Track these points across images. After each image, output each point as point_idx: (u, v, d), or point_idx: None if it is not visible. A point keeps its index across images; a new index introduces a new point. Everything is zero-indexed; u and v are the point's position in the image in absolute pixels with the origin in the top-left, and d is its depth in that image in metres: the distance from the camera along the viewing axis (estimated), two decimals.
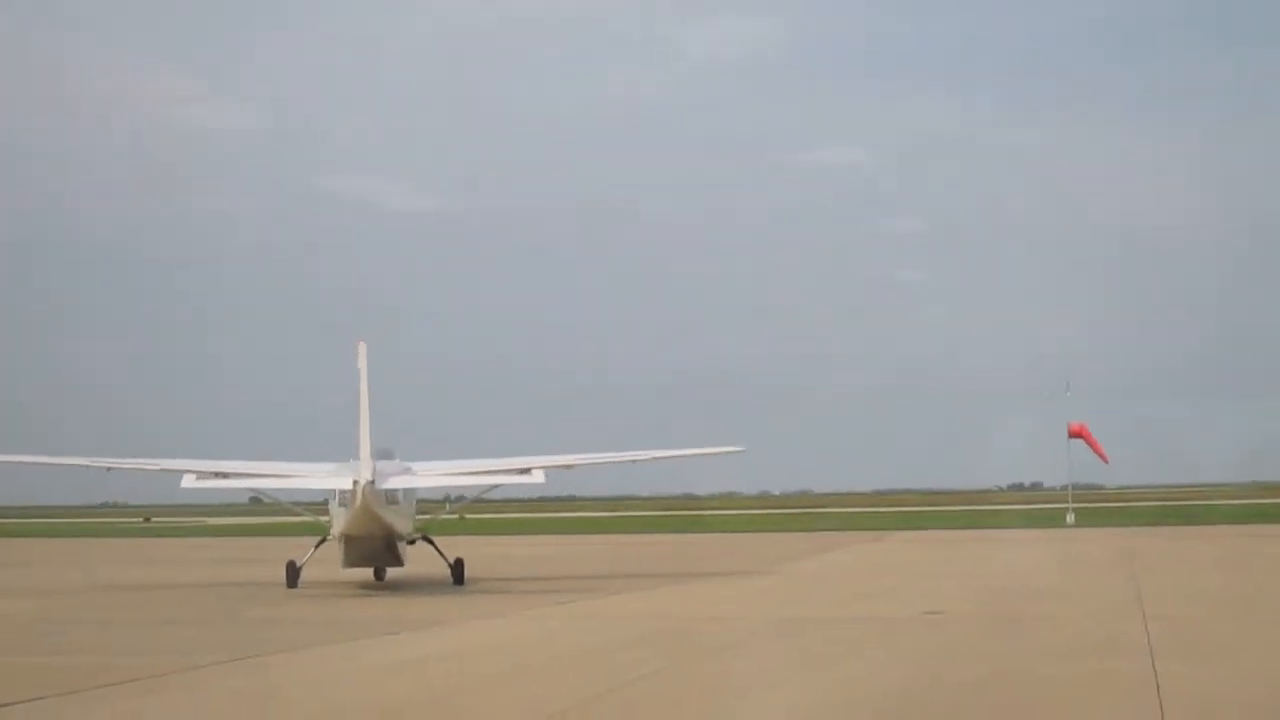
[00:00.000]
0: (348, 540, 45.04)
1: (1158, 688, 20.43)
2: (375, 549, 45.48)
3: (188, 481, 48.10)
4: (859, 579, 50.39)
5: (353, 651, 28.04)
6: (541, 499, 63.01)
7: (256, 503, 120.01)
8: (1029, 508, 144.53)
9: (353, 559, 45.66)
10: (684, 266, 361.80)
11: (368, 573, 47.28)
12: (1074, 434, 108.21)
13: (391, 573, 48.10)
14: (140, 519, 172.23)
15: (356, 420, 43.71)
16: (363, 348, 45.33)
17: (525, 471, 47.78)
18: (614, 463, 53.77)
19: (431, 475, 47.85)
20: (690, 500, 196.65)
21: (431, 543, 48.37)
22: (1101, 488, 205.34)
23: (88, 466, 49.69)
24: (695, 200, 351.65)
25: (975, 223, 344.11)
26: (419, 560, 48.04)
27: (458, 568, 47.51)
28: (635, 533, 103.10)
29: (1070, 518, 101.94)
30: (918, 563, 60.18)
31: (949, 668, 24.14)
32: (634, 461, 53.22)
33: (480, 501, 64.99)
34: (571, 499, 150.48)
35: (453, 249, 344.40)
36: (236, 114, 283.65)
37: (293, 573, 46.25)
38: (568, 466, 51.69)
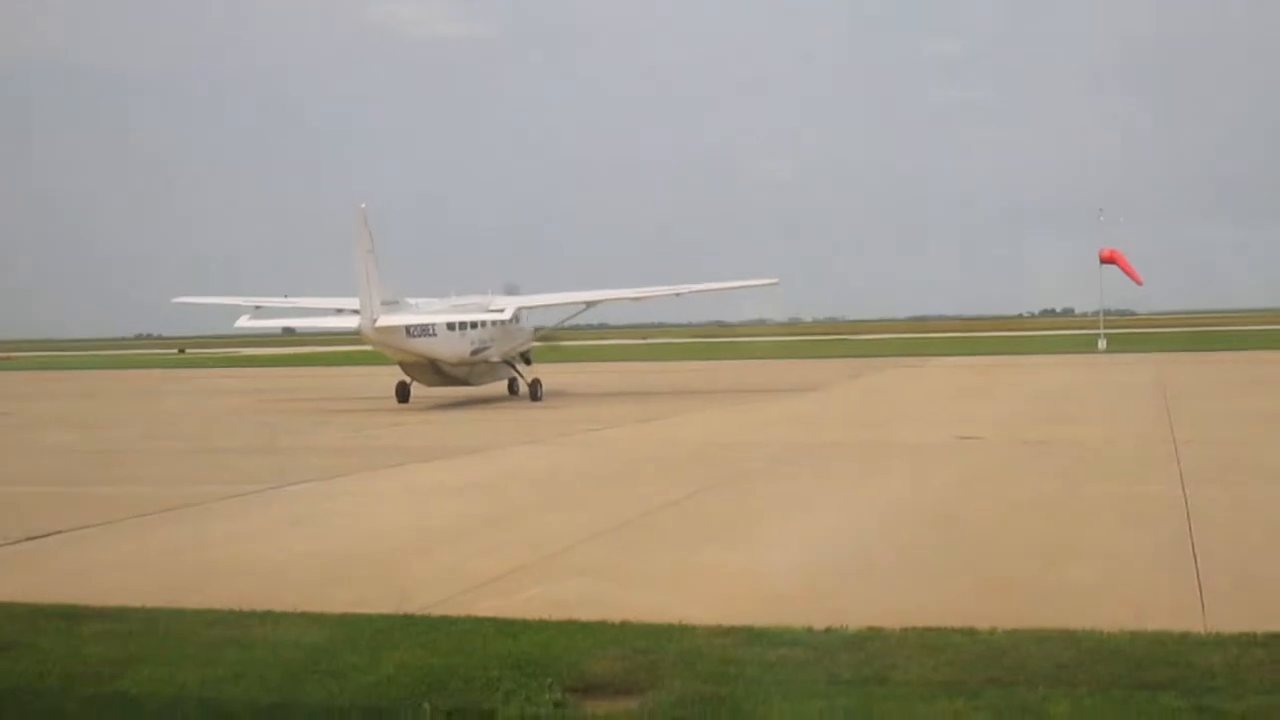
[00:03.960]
0: (399, 365, 54.37)
1: (1187, 510, 20.66)
2: (423, 372, 53.67)
3: (241, 321, 58.22)
4: (891, 405, 50.77)
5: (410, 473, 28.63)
6: (574, 328, 64.51)
7: (289, 333, 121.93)
8: (1061, 333, 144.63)
9: (414, 378, 54.41)
10: (710, 91, 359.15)
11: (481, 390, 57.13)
12: (1106, 259, 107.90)
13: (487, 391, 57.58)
14: (175, 350, 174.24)
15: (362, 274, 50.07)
16: (361, 210, 50.74)
17: (498, 310, 54.75)
18: (659, 296, 60.65)
19: (423, 314, 53.58)
20: (721, 328, 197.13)
21: (513, 367, 58.06)
22: (1133, 313, 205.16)
23: (250, 306, 59.45)
24: (727, 22, 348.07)
25: (1010, 43, 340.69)
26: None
27: (535, 387, 55.79)
28: (670, 360, 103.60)
29: (1102, 343, 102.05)
30: (948, 389, 60.46)
31: (980, 492, 24.47)
32: (677, 295, 58.06)
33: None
34: (604, 326, 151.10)
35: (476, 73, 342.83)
36: None
37: (404, 390, 54.64)
38: (635, 299, 60.86)
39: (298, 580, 16.47)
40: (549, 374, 59.96)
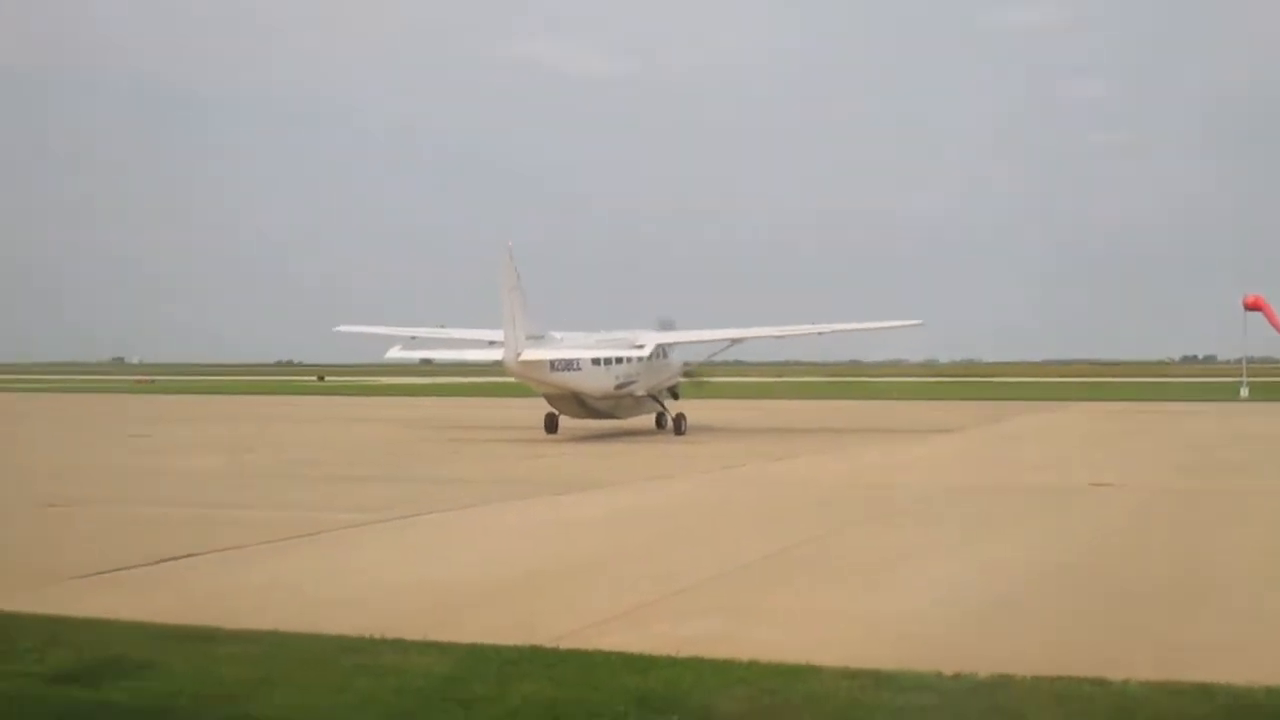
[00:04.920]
0: (545, 397, 55.68)
1: None
2: (568, 404, 55.43)
3: (392, 351, 59.76)
4: (1026, 449, 50.13)
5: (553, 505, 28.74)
6: (715, 364, 65.74)
7: (426, 363, 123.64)
8: (1202, 380, 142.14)
9: (559, 410, 55.85)
10: (850, 131, 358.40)
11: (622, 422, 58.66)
12: (1250, 306, 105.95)
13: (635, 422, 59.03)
14: (315, 377, 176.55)
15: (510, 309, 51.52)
16: (508, 247, 52.46)
17: (640, 346, 55.29)
18: (802, 335, 61.23)
19: (567, 348, 54.40)
20: (857, 367, 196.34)
21: (659, 401, 58.90)
22: (1277, 361, 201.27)
23: (406, 336, 62.14)
24: (867, 61, 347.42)
25: (1161, 87, 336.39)
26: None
27: (679, 421, 57.09)
28: (809, 398, 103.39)
29: (1244, 391, 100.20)
30: (1086, 434, 59.64)
31: (1110, 540, 24.10)
32: (819, 334, 58.28)
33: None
34: (738, 363, 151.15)
35: (620, 115, 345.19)
36: None
37: (552, 422, 56.15)
38: (778, 337, 61.20)
39: (427, 609, 16.55)
40: (692, 409, 60.43)
